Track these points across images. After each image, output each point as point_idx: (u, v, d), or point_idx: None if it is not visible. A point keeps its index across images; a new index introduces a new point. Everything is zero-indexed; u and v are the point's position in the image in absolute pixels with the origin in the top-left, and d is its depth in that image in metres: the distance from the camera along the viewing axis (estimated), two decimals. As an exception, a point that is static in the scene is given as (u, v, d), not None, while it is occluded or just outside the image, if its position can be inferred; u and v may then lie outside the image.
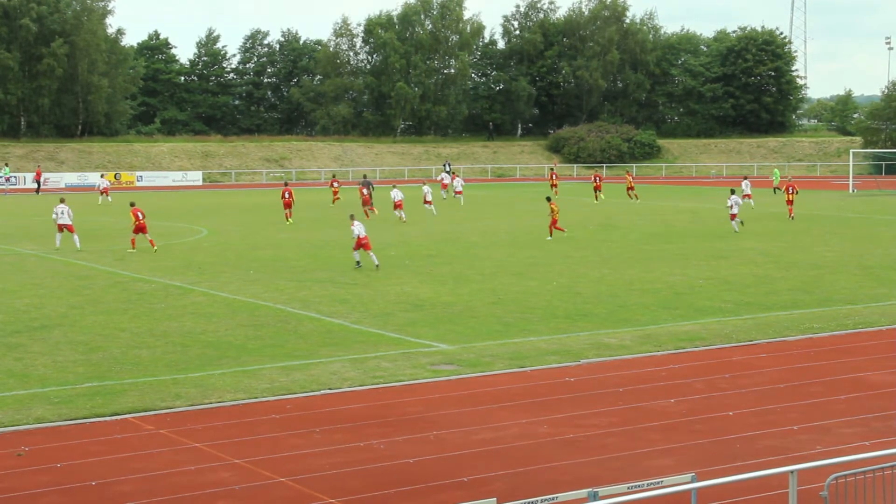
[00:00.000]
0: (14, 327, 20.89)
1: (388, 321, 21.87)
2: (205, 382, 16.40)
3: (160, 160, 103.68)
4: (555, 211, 39.95)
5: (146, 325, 21.35)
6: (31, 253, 35.06)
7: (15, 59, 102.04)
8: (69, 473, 12.03)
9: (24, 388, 15.89)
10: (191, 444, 13.21)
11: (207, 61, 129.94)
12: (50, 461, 12.48)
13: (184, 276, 29.05)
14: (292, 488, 11.59)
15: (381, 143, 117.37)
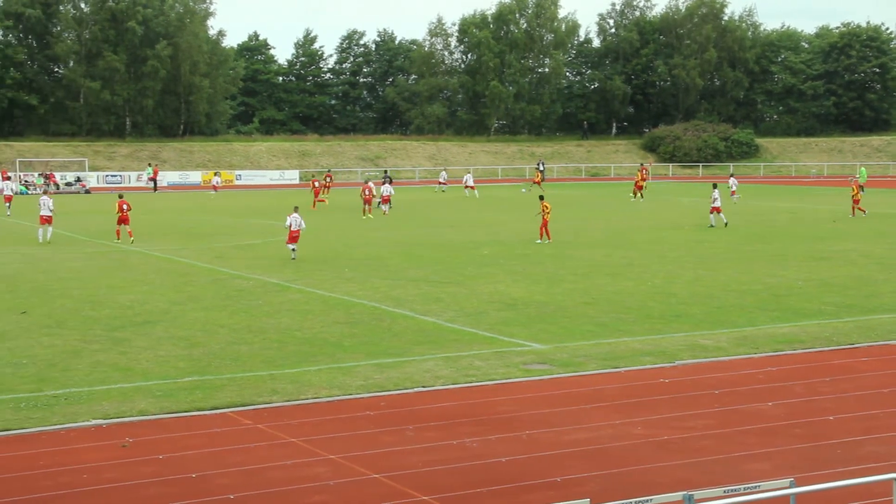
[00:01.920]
0: (119, 322, 21.45)
1: (481, 320, 21.91)
2: (301, 378, 16.63)
3: (258, 159, 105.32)
4: (547, 211, 37.38)
5: (244, 321, 21.73)
6: (135, 250, 35.95)
7: (121, 61, 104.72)
8: (171, 465, 12.32)
9: (128, 382, 16.31)
10: (287, 439, 13.41)
11: (305, 61, 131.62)
12: (152, 453, 12.79)
13: (281, 273, 29.49)
14: (385, 485, 11.70)
15: (475, 142, 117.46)
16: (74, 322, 21.43)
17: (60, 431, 13.66)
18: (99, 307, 23.44)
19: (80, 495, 11.23)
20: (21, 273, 29.60)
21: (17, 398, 15.16)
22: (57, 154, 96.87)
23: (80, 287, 26.77)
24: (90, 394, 15.50)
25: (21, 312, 22.48)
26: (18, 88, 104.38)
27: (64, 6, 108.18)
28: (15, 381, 16.21)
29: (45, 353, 18.37)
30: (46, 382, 16.18)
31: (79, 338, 19.74)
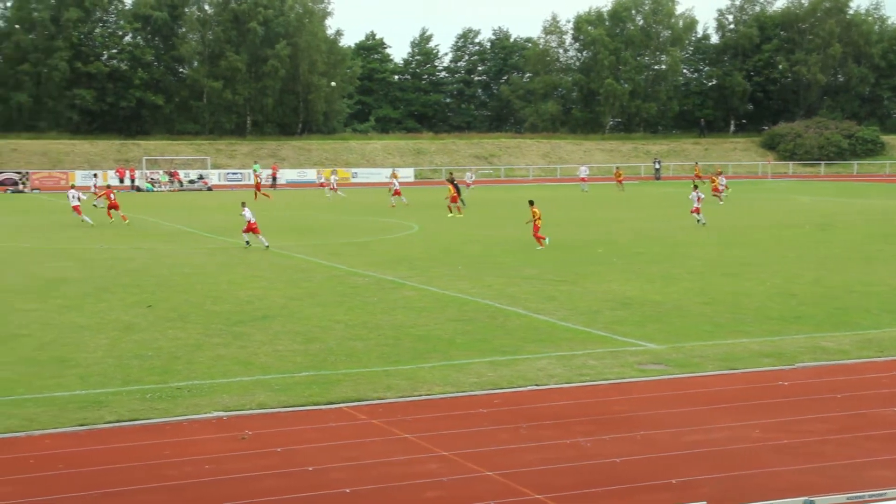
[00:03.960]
0: (239, 317, 21.95)
1: (595, 319, 21.78)
2: (415, 375, 16.77)
3: (374, 157, 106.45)
4: (536, 216, 36.16)
5: (360, 317, 22.00)
6: (254, 246, 36.71)
7: (243, 61, 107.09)
8: (288, 458, 12.55)
9: (247, 375, 16.68)
10: (401, 435, 13.54)
11: (420, 60, 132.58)
12: (270, 446, 13.05)
13: (395, 270, 29.78)
14: (499, 482, 11.72)
15: (589, 140, 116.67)
16: (197, 316, 22.00)
17: (184, 422, 14.04)
18: (220, 302, 24.02)
19: (203, 485, 11.53)
20: (147, 268, 30.52)
21: (143, 389, 15.64)
22: (181, 152, 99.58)
23: (202, 282, 27.48)
24: (211, 386, 15.90)
25: (147, 306, 23.18)
26: (146, 89, 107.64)
27: (189, 8, 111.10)
28: (142, 373, 16.73)
29: (169, 345, 18.91)
30: (171, 374, 16.66)
31: (201, 331, 20.26)
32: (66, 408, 14.53)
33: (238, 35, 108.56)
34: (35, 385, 15.86)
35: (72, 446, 12.90)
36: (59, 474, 11.82)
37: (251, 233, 36.21)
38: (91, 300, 24.20)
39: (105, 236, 41.22)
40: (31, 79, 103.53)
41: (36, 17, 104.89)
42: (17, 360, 17.55)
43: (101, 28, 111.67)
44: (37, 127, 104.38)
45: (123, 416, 14.21)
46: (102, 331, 20.27)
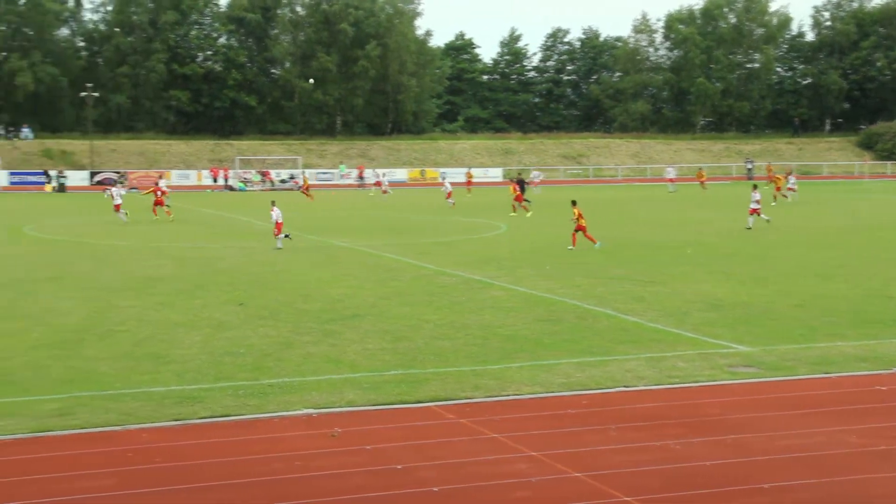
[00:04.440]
0: (329, 315, 22.19)
1: (684, 320, 21.53)
2: (503, 375, 16.77)
3: (462, 157, 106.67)
4: (578, 216, 35.56)
5: (448, 317, 22.07)
6: (344, 246, 37.09)
7: (333, 62, 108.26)
8: (377, 456, 12.65)
9: (337, 373, 16.85)
10: (489, 435, 13.55)
11: (509, 60, 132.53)
12: (360, 443, 13.16)
13: (483, 270, 29.81)
14: (587, 484, 11.67)
15: (679, 139, 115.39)
16: (287, 314, 22.30)
17: (275, 419, 14.24)
18: (310, 300, 24.31)
19: (293, 482, 11.69)
20: (239, 266, 31.03)
21: (235, 385, 15.91)
22: (273, 152, 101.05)
23: (293, 280, 27.85)
24: (302, 384, 16.10)
25: (239, 304, 23.57)
26: (239, 89, 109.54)
27: (281, 9, 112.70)
28: (234, 370, 17.02)
29: (260, 343, 19.20)
30: (262, 371, 16.91)
31: (291, 329, 20.53)
32: (163, 403, 14.85)
33: (329, 36, 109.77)
34: (132, 380, 16.24)
35: (168, 440, 13.18)
36: (155, 468, 12.09)
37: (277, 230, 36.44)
38: (185, 298, 24.69)
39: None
40: (129, 81, 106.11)
41: (135, 21, 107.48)
42: (115, 356, 17.99)
43: (196, 30, 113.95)
44: (134, 128, 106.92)
45: (217, 411, 14.48)
46: (196, 328, 20.67)
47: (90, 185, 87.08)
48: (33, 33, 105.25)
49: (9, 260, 32.45)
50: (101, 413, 14.28)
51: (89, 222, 49.65)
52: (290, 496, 11.23)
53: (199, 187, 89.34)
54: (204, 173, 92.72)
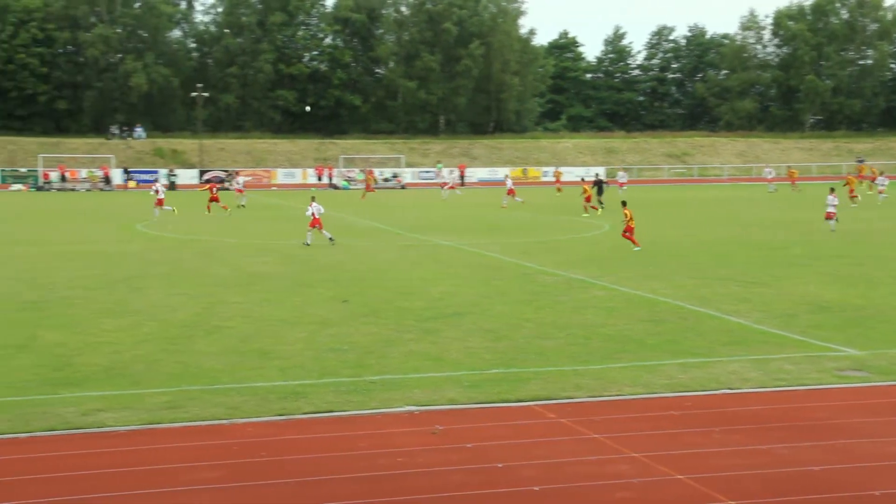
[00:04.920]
0: (431, 313, 22.32)
1: (791, 322, 21.09)
2: (605, 375, 16.67)
3: (565, 156, 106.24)
4: (628, 217, 35.18)
5: (550, 316, 22.02)
6: (446, 244, 37.26)
7: (437, 61, 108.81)
8: (477, 454, 12.69)
9: (438, 371, 16.94)
10: (590, 435, 13.49)
11: (613, 58, 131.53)
12: (461, 441, 13.22)
13: (586, 270, 29.65)
14: (690, 486, 11.53)
15: (787, 138, 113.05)
16: (389, 312, 22.50)
17: (377, 415, 14.39)
18: (412, 298, 24.48)
19: (395, 478, 11.80)
20: (342, 264, 31.41)
21: (338, 382, 16.12)
22: (376, 151, 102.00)
23: (395, 278, 28.08)
24: (403, 381, 16.23)
25: (342, 301, 23.86)
26: (344, 89, 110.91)
27: (386, 10, 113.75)
28: (337, 366, 17.25)
29: (363, 340, 19.41)
30: (364, 368, 17.10)
31: (393, 327, 20.71)
32: (268, 398, 15.13)
33: (433, 35, 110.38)
34: (238, 375, 16.58)
35: (272, 435, 13.42)
36: (260, 461, 12.32)
37: (315, 227, 36.92)
38: (290, 294, 25.09)
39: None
40: (237, 81, 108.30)
41: (244, 22, 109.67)
42: (222, 351, 18.39)
43: (303, 31, 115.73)
44: (242, 127, 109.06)
45: (320, 407, 14.69)
46: (300, 324, 20.99)
47: (199, 184, 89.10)
48: (147, 35, 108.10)
49: (122, 257, 33.40)
50: (209, 407, 14.61)
51: (198, 219, 50.78)
52: (393, 492, 11.34)
53: (304, 186, 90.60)
54: (309, 172, 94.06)
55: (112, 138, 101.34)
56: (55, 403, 14.66)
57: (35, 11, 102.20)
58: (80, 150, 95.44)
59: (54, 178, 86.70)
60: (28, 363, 17.26)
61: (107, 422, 13.83)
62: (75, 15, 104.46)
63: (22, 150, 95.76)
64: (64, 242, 38.14)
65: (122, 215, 52.58)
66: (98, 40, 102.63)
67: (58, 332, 19.93)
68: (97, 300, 24.04)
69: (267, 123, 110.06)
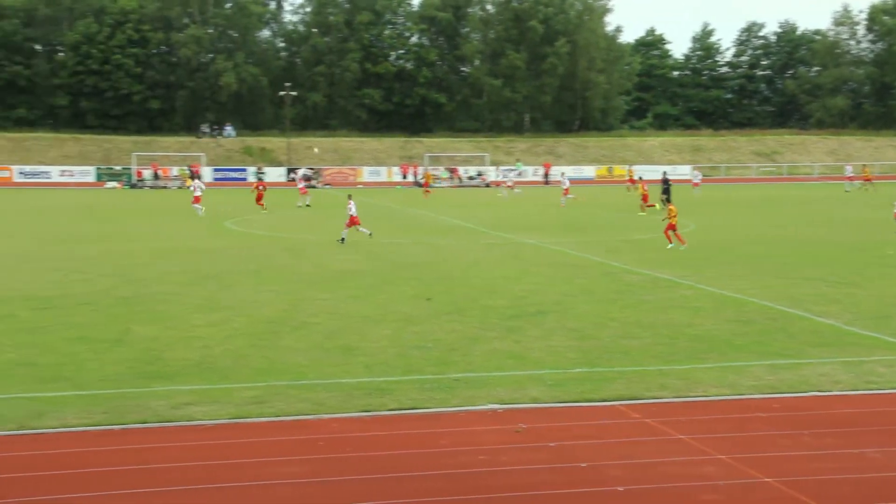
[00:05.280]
0: (513, 311, 22.31)
1: (884, 324, 20.61)
2: (690, 375, 16.49)
3: (651, 154, 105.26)
4: (673, 213, 35.31)
5: (634, 315, 21.85)
6: (529, 243, 37.19)
7: (522, 60, 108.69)
8: (561, 453, 12.66)
9: (521, 370, 16.93)
10: (675, 436, 13.36)
11: (701, 55, 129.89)
12: (544, 440, 13.20)
13: (671, 269, 29.35)
14: (778, 489, 11.35)
15: (881, 136, 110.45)
16: (473, 310, 22.53)
17: (460, 413, 14.44)
18: (495, 296, 24.49)
19: (478, 476, 11.83)
20: (427, 262, 31.55)
21: (422, 379, 16.21)
22: (461, 149, 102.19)
23: (479, 276, 28.12)
24: (486, 379, 16.25)
25: (426, 299, 23.97)
26: (429, 87, 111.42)
27: (472, 8, 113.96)
28: (421, 363, 17.34)
29: (447, 337, 19.48)
30: (448, 366, 17.16)
31: (477, 325, 20.74)
32: (353, 394, 15.28)
33: (518, 33, 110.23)
34: (324, 371, 16.77)
35: (357, 431, 13.55)
36: (345, 457, 12.45)
37: (354, 226, 37.08)
38: (375, 292, 25.28)
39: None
40: (325, 80, 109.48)
41: (331, 21, 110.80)
42: (308, 347, 18.61)
43: (389, 30, 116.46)
44: (329, 125, 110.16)
45: (404, 403, 14.79)
46: (385, 321, 21.14)
47: (286, 182, 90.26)
48: (237, 35, 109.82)
49: (212, 253, 33.99)
50: (295, 402, 14.81)
51: (285, 217, 51.45)
52: (475, 490, 11.37)
53: (389, 184, 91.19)
54: (394, 170, 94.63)
55: (202, 137, 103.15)
56: (147, 397, 15.00)
57: (131, 13, 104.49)
58: (171, 149, 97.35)
59: (147, 176, 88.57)
60: (122, 357, 17.68)
61: (196, 415, 14.10)
62: (169, 16, 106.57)
63: (117, 149, 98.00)
64: (156, 239, 38.95)
65: (212, 212, 53.49)
66: (190, 41, 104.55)
67: (150, 327, 20.38)
68: (188, 296, 24.52)
69: (353, 122, 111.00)
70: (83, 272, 28.64)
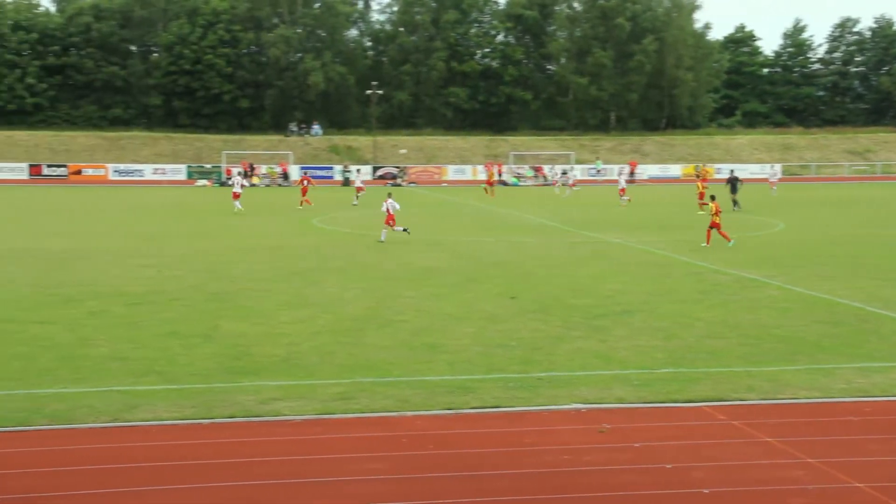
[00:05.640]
0: (599, 311, 22.20)
1: (983, 328, 20.06)
2: (778, 377, 16.25)
3: (739, 152, 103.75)
4: (714, 211, 34.95)
5: (721, 315, 21.58)
6: (616, 241, 36.95)
7: (609, 57, 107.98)
8: (645, 454, 12.58)
9: (606, 369, 16.85)
10: (762, 438, 13.18)
11: (792, 52, 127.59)
12: (628, 440, 13.13)
13: (759, 269, 28.92)
14: (869, 495, 11.13)
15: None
16: (558, 309, 22.48)
17: (544, 412, 14.43)
18: (580, 295, 24.40)
19: (561, 475, 11.81)
20: (511, 260, 31.54)
21: (505, 377, 16.23)
22: (546, 148, 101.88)
23: (564, 275, 28.03)
24: (570, 378, 16.21)
25: (510, 297, 23.97)
26: (515, 85, 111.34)
27: (559, 6, 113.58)
28: (504, 362, 17.36)
29: (531, 336, 19.47)
30: (532, 364, 17.15)
31: (561, 324, 20.69)
32: (436, 391, 15.36)
33: (605, 31, 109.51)
34: (409, 368, 16.89)
35: (440, 428, 13.62)
36: (428, 454, 12.53)
37: (389, 224, 36.90)
38: (459, 290, 25.36)
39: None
40: (411, 78, 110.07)
41: (418, 20, 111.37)
42: (394, 344, 18.76)
43: (475, 28, 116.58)
44: (415, 124, 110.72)
45: (487, 402, 14.82)
46: (469, 319, 21.20)
47: (372, 180, 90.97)
48: (325, 35, 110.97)
49: (299, 250, 34.43)
50: (380, 399, 14.94)
51: (371, 215, 51.87)
52: (560, 489, 11.36)
53: (474, 182, 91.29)
54: (479, 168, 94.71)
55: (290, 135, 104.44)
56: (235, 391, 15.27)
57: (222, 13, 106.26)
58: (260, 147, 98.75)
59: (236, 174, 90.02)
60: (211, 352, 18.03)
61: (283, 410, 14.32)
62: (259, 16, 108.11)
63: (207, 147, 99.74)
64: (245, 236, 39.57)
65: (299, 210, 54.14)
66: (279, 40, 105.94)
67: (239, 323, 20.73)
68: (276, 292, 24.88)
69: (439, 120, 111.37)
70: (175, 269, 29.25)
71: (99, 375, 16.24)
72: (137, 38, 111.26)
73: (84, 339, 19.01)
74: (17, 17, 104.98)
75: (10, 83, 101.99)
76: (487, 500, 11.07)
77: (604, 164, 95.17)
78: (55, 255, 32.05)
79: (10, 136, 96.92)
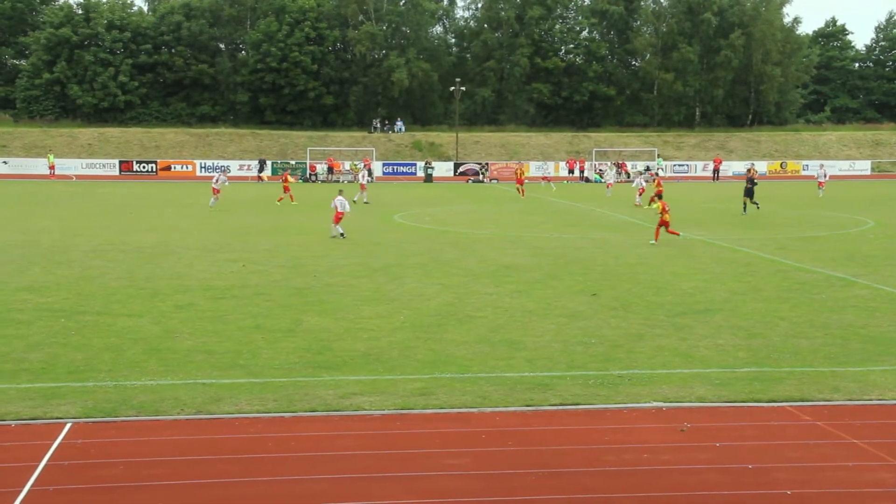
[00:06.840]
0: (680, 309, 22.00)
1: None
2: (865, 378, 15.95)
3: (827, 149, 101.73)
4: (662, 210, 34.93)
5: (806, 314, 21.24)
6: (698, 238, 36.54)
7: (695, 53, 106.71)
8: (726, 454, 12.46)
9: (687, 368, 16.71)
10: (848, 440, 12.97)
11: (885, 46, 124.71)
12: (709, 440, 13.02)
13: (846, 267, 28.37)
14: (956, 500, 10.89)
15: None
16: (639, 306, 22.33)
17: (623, 410, 14.37)
18: (662, 293, 24.20)
19: (640, 474, 11.76)
20: (593, 257, 31.38)
21: (586, 374, 16.19)
22: (629, 144, 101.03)
23: (646, 272, 27.81)
24: (651, 376, 16.11)
25: (592, 294, 23.88)
26: (598, 81, 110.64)
27: (645, 1, 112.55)
28: (585, 359, 17.31)
29: (611, 334, 19.38)
30: (612, 362, 17.08)
31: (642, 322, 20.55)
32: (515, 388, 15.39)
33: (691, 26, 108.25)
34: (488, 364, 16.93)
35: (519, 425, 13.65)
36: (507, 451, 12.57)
37: (335, 223, 36.86)
38: (540, 286, 25.32)
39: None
40: (494, 75, 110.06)
41: (502, 17, 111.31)
42: (473, 340, 18.82)
43: (560, 24, 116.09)
44: (497, 120, 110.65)
45: (567, 399, 14.81)
46: (549, 316, 21.17)
47: (454, 176, 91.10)
48: (410, 32, 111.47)
49: (381, 246, 34.67)
50: (459, 395, 15.02)
51: (453, 211, 51.99)
52: (638, 488, 11.32)
53: (556, 178, 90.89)
54: (561, 164, 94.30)
55: (374, 132, 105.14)
56: (316, 386, 15.48)
57: (309, 11, 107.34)
58: (343, 143, 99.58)
59: (319, 171, 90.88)
60: (294, 346, 18.28)
61: (363, 405, 14.47)
62: (345, 14, 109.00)
63: (293, 144, 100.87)
64: (328, 232, 39.97)
65: (381, 205, 54.51)
66: (365, 37, 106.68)
67: (321, 318, 20.98)
68: (357, 288, 25.11)
69: (521, 116, 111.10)
70: (259, 263, 29.68)
71: (184, 368, 16.59)
72: (226, 37, 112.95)
73: (170, 332, 19.42)
74: (111, 16, 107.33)
75: (103, 81, 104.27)
76: (566, 497, 11.08)
77: (664, 162, 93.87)
78: (144, 250, 32.76)
79: (103, 133, 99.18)
